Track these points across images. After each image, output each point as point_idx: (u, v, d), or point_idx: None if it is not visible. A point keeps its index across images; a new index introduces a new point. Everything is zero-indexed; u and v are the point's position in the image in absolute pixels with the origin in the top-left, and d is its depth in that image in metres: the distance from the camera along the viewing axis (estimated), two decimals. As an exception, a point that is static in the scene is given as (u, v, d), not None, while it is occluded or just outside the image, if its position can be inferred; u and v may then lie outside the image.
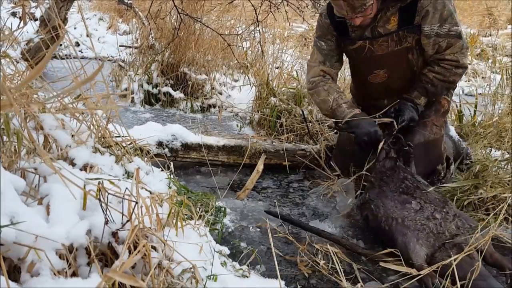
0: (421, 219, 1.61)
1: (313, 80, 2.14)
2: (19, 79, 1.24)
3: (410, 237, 1.56)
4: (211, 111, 3.72)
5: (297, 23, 7.36)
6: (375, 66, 2.03)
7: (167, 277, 1.02)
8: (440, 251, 1.50)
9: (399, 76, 2.03)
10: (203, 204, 1.77)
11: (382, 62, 2.01)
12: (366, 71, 2.07)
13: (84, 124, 1.30)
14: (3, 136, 1.02)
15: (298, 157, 2.44)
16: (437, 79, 1.95)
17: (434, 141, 2.04)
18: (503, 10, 7.57)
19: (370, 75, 2.07)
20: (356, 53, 2.04)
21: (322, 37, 2.12)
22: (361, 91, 2.24)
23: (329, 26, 2.06)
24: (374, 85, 2.09)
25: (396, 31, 1.91)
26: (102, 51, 5.76)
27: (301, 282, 1.49)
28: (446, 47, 1.90)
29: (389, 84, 2.05)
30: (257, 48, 4.07)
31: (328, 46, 2.11)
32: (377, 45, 1.97)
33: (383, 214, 1.70)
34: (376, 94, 2.12)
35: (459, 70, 1.94)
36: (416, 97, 1.97)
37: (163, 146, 2.28)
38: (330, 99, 2.04)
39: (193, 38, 3.79)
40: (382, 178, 1.83)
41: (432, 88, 1.97)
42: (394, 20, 1.90)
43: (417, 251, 1.51)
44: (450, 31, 1.87)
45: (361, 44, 1.99)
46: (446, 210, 1.64)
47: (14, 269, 0.84)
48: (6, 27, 1.49)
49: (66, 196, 0.95)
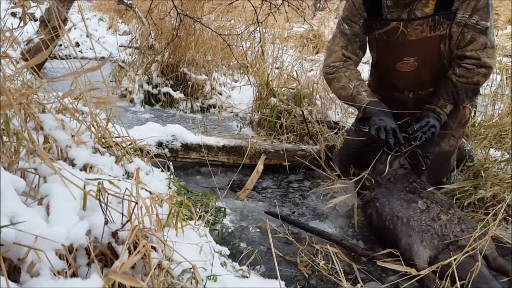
0: (426, 220, 1.60)
1: (333, 64, 2.01)
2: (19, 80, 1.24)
3: (414, 238, 1.55)
4: (211, 112, 3.72)
5: (297, 23, 7.36)
6: (406, 52, 1.90)
7: (167, 277, 1.02)
8: (443, 253, 1.50)
9: (429, 67, 1.91)
10: (203, 204, 1.77)
11: (414, 48, 1.88)
12: (396, 57, 1.93)
13: (84, 125, 1.30)
14: (3, 137, 1.02)
15: (298, 158, 2.44)
16: (460, 82, 1.84)
17: (447, 153, 1.97)
18: (503, 10, 7.58)
19: (399, 62, 1.93)
20: (387, 36, 1.90)
21: (348, 19, 1.97)
22: (385, 81, 2.08)
23: (360, 6, 1.91)
24: (402, 74, 1.95)
25: (432, 15, 1.79)
26: (102, 51, 5.76)
27: (301, 283, 1.49)
28: (468, 41, 1.78)
29: (418, 75, 1.93)
30: (257, 49, 4.07)
31: (351, 30, 1.97)
32: (411, 29, 1.83)
33: (388, 212, 1.69)
34: (402, 85, 2.00)
35: (481, 70, 1.81)
36: (442, 106, 1.86)
37: (163, 147, 2.28)
38: (351, 86, 1.94)
39: (193, 38, 3.79)
40: (390, 178, 1.82)
41: (456, 93, 1.85)
42: (432, 3, 1.78)
43: (420, 253, 1.51)
44: (477, 24, 1.75)
45: (395, 26, 1.85)
46: (452, 212, 1.64)
47: (14, 270, 0.84)
48: (6, 27, 1.49)
49: (66, 196, 0.95)
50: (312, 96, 3.18)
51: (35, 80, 1.32)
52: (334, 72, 2.01)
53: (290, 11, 3.96)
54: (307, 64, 4.81)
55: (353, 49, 2.01)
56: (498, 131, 2.62)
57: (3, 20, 1.47)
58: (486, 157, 2.12)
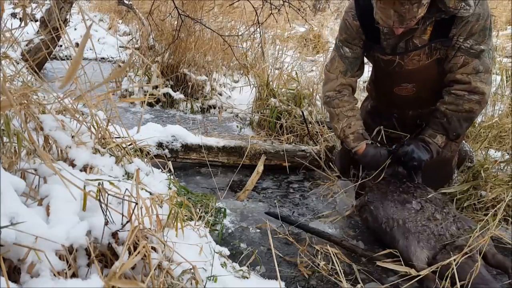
0: (421, 220, 1.60)
1: (328, 94, 1.96)
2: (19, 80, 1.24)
3: (411, 240, 1.55)
4: (211, 112, 3.72)
5: (297, 24, 7.36)
6: (404, 80, 1.85)
7: (167, 278, 1.02)
8: (441, 253, 1.50)
9: (429, 88, 1.86)
10: (203, 205, 1.77)
11: (411, 76, 1.83)
12: (394, 83, 1.89)
13: (84, 125, 1.30)
14: (3, 137, 1.02)
15: (298, 158, 2.44)
16: (450, 110, 1.75)
17: (449, 158, 1.96)
18: (503, 11, 7.58)
19: (396, 87, 1.89)
20: (385, 64, 1.86)
21: (348, 41, 1.87)
22: (385, 100, 2.06)
23: (358, 30, 1.82)
24: (400, 97, 1.92)
25: (429, 44, 1.72)
26: (102, 52, 5.76)
27: (301, 283, 1.49)
28: (461, 65, 1.70)
29: (417, 97, 1.89)
30: (257, 49, 4.07)
31: (353, 54, 1.88)
32: (408, 60, 1.78)
33: (383, 215, 1.69)
34: (401, 105, 1.97)
35: (473, 97, 1.70)
36: (431, 136, 1.79)
37: (163, 147, 2.28)
38: (338, 127, 1.92)
39: (193, 39, 3.80)
40: (381, 181, 1.82)
41: (447, 123, 1.76)
42: (430, 30, 1.70)
43: (418, 254, 1.51)
44: (471, 48, 1.67)
45: (391, 59, 1.81)
46: (447, 211, 1.64)
47: (14, 270, 0.84)
48: (6, 28, 1.49)
49: (66, 197, 0.95)
50: (312, 97, 3.19)
51: (35, 81, 1.33)
52: (327, 104, 1.99)
53: (291, 12, 3.96)
54: (307, 65, 4.81)
55: (353, 73, 1.94)
56: (498, 132, 2.62)
57: (4, 21, 1.47)
58: (486, 158, 2.12)
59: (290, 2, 3.69)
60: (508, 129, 2.59)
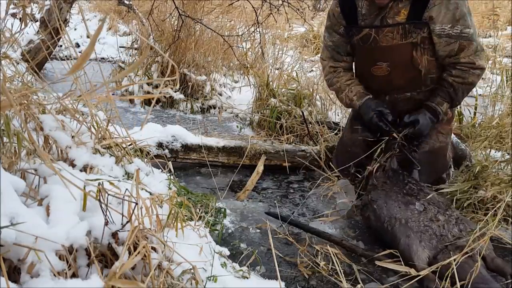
0: (424, 220, 1.60)
1: (327, 78, 2.18)
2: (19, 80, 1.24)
3: (413, 238, 1.55)
4: (211, 112, 3.72)
5: (297, 24, 7.36)
6: (378, 57, 2.00)
7: (167, 278, 1.02)
8: (442, 253, 1.50)
9: (402, 72, 2.00)
10: (203, 205, 1.77)
11: (385, 54, 1.98)
12: (369, 62, 2.04)
13: (84, 125, 1.30)
14: (3, 137, 1.02)
15: (298, 158, 2.44)
16: (457, 82, 1.93)
17: (439, 149, 2.01)
18: (503, 11, 7.58)
19: (373, 67, 2.03)
20: (362, 42, 2.01)
21: (330, 28, 2.10)
22: (364, 84, 2.18)
23: (339, 15, 2.03)
24: (376, 78, 2.05)
25: (403, 23, 1.89)
26: (102, 52, 5.76)
27: (301, 283, 1.49)
28: (459, 49, 1.89)
29: (391, 79, 2.02)
30: (257, 49, 4.07)
31: (333, 40, 2.09)
32: (382, 35, 1.94)
33: (386, 214, 1.70)
34: (377, 88, 2.09)
35: (476, 71, 1.92)
36: (439, 104, 1.94)
37: (163, 147, 2.28)
38: (344, 96, 2.10)
39: (193, 39, 3.79)
40: (385, 181, 1.83)
41: (453, 93, 1.94)
42: (404, 13, 1.89)
43: (419, 253, 1.51)
44: (462, 33, 1.86)
45: (367, 33, 1.97)
46: (449, 213, 1.64)
47: (14, 270, 0.84)
48: (6, 28, 1.49)
49: (66, 197, 0.95)
50: (312, 97, 3.19)
51: (35, 81, 1.33)
52: (330, 85, 2.19)
53: (290, 12, 3.96)
54: (307, 65, 4.81)
55: (339, 57, 2.13)
56: (498, 132, 2.62)
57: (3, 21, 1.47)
58: (487, 158, 2.12)
59: (289, 2, 3.69)
60: (508, 129, 2.59)
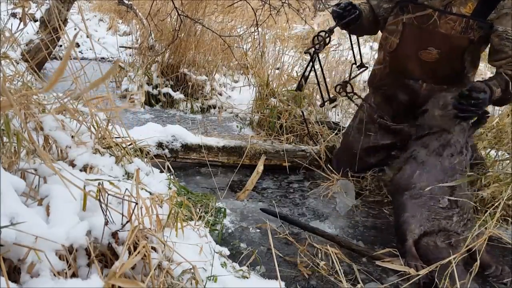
0: (440, 213, 1.64)
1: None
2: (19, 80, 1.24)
3: (417, 221, 1.62)
4: (211, 112, 3.72)
5: (297, 24, 7.36)
6: (432, 42, 1.94)
7: (167, 278, 1.03)
8: (429, 235, 1.58)
9: (449, 63, 1.95)
10: (203, 205, 1.77)
11: (441, 41, 1.92)
12: (421, 45, 1.97)
13: (84, 125, 1.30)
14: (3, 137, 1.02)
15: (298, 158, 2.44)
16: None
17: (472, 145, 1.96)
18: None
19: (422, 50, 1.97)
20: (418, 22, 1.95)
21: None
22: (402, 67, 2.10)
23: None
24: (421, 63, 1.99)
25: (468, 16, 1.85)
26: (102, 51, 5.76)
27: (301, 283, 1.49)
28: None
29: (437, 68, 1.97)
30: (257, 49, 4.07)
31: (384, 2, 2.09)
32: (443, 21, 1.89)
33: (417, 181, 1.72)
34: (419, 74, 2.03)
35: None
36: (494, 85, 1.83)
37: (163, 147, 2.28)
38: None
39: (193, 39, 3.79)
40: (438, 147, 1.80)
41: (510, 84, 1.84)
42: (470, 6, 1.85)
43: (412, 227, 1.61)
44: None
45: (430, 14, 1.92)
46: (466, 216, 1.66)
47: (14, 270, 0.84)
48: (6, 28, 1.50)
49: (66, 197, 0.95)
50: (312, 97, 3.19)
51: (35, 81, 1.33)
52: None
53: (290, 12, 3.96)
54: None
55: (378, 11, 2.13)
56: (498, 132, 2.62)
57: (3, 21, 1.47)
58: (487, 158, 2.12)
59: (289, 3, 3.68)
60: (508, 129, 2.59)
